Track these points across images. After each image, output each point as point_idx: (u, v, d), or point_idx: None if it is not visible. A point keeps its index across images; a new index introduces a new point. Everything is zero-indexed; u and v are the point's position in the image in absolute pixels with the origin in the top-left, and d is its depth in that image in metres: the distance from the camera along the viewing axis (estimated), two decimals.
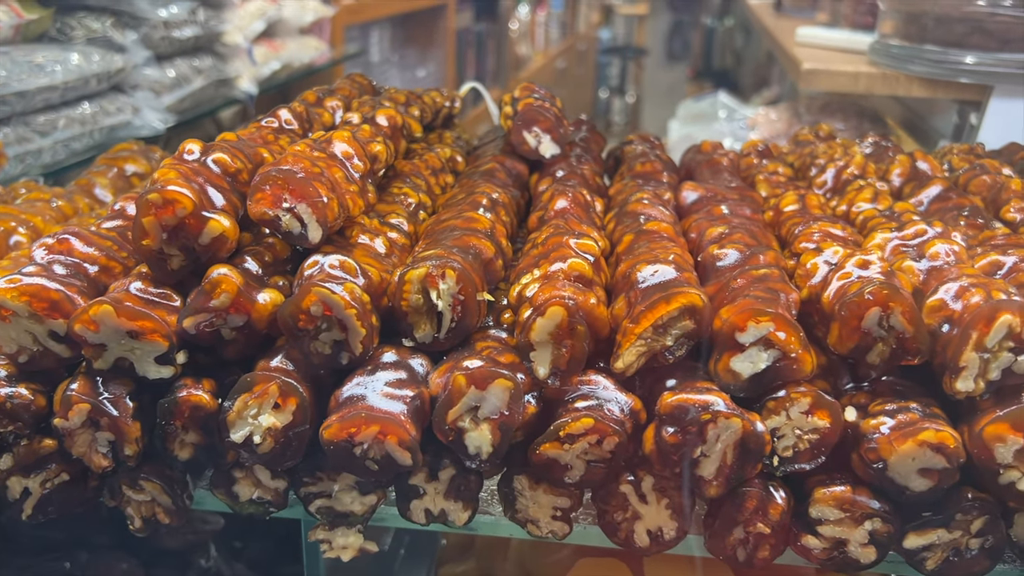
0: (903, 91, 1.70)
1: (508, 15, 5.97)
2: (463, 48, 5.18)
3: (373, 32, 4.37)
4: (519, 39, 6.26)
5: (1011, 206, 0.94)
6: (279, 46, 2.78)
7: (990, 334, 0.67)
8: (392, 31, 4.65)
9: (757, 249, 0.79)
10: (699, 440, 0.66)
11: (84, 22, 2.04)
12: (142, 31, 2.13)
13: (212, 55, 2.46)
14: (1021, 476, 0.67)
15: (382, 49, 4.53)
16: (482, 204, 0.86)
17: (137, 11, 2.12)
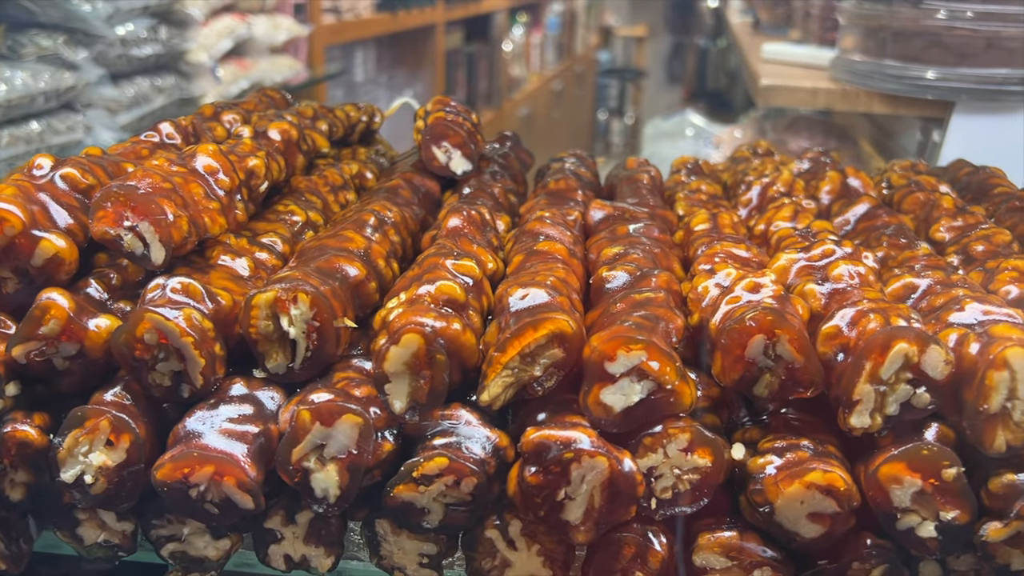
0: (863, 107, 1.65)
1: (501, 37, 5.95)
2: (452, 69, 5.16)
3: (357, 52, 4.34)
4: (513, 60, 6.24)
5: (940, 225, 0.88)
6: (249, 65, 2.74)
7: (885, 364, 0.60)
8: (379, 51, 4.62)
9: (649, 271, 0.73)
10: (563, 481, 0.60)
11: (35, 40, 2.00)
12: (96, 49, 2.09)
13: (176, 73, 2.43)
14: (921, 521, 0.61)
15: (367, 69, 4.50)
16: (367, 223, 0.81)
17: (91, 29, 2.08)
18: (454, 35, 5.25)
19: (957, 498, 0.60)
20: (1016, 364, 0.59)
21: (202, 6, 2.49)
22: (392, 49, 4.76)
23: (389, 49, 4.73)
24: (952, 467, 0.60)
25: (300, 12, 3.18)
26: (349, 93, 4.20)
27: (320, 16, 3.36)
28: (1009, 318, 0.65)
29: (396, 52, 4.79)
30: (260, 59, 2.83)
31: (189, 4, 2.42)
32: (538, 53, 6.96)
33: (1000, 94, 1.52)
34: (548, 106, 7.20)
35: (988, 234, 0.83)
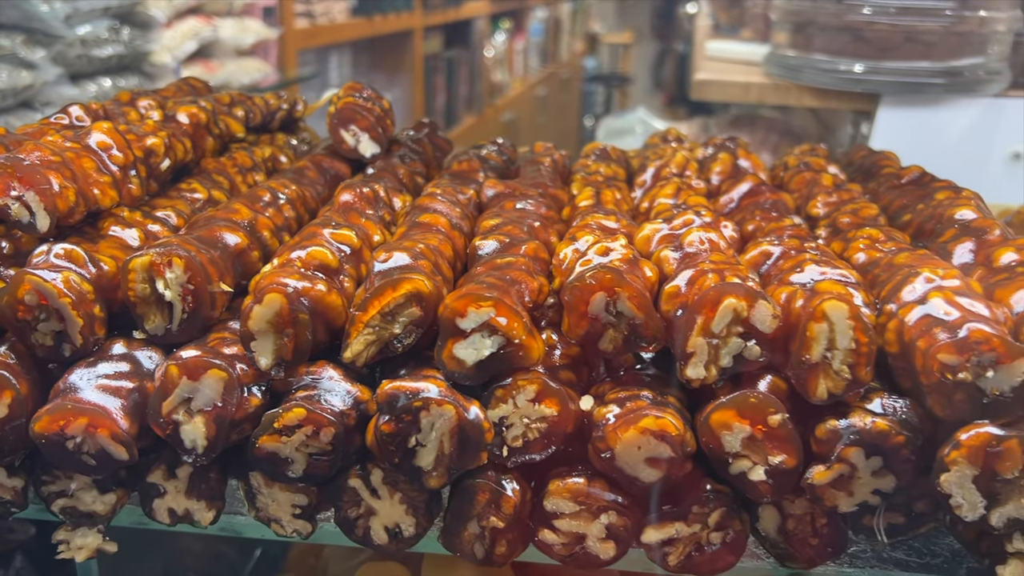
0: (794, 101, 1.69)
1: (482, 42, 5.99)
2: (431, 74, 5.19)
3: (332, 56, 4.38)
4: (495, 66, 6.28)
5: (817, 200, 0.92)
6: (215, 67, 2.78)
7: (715, 318, 0.65)
8: (355, 56, 4.65)
9: (519, 240, 0.77)
10: (413, 428, 0.64)
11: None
12: (55, 49, 2.12)
13: (139, 74, 2.46)
14: (752, 465, 0.65)
15: (342, 73, 4.53)
16: (261, 199, 0.85)
17: (49, 29, 2.11)
18: (433, 40, 5.29)
19: (784, 443, 0.64)
20: (834, 316, 0.63)
21: (166, 8, 2.53)
22: (370, 54, 4.79)
23: (367, 54, 4.77)
24: (777, 413, 0.64)
25: (270, 15, 3.22)
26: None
27: (293, 20, 3.39)
28: (841, 277, 0.70)
29: (374, 57, 4.83)
30: (227, 61, 2.86)
31: (152, 6, 2.45)
32: (521, 59, 7.01)
33: (921, 87, 1.57)
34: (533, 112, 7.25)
35: (856, 208, 0.88)
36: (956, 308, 0.63)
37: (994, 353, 0.60)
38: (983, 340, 0.60)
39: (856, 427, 0.63)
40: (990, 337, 0.60)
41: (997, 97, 1.62)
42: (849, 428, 0.64)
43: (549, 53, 8.00)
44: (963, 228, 0.80)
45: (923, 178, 0.97)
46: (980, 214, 0.82)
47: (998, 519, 0.62)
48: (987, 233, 0.79)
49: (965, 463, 0.61)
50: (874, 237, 0.79)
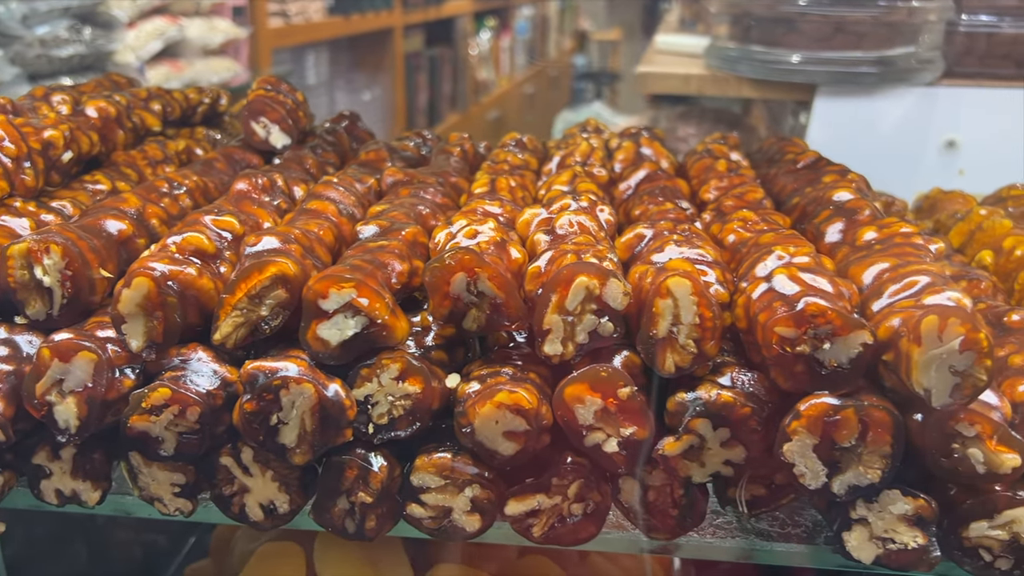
0: (733, 92, 1.72)
1: (465, 40, 6.00)
2: (413, 72, 5.21)
3: (309, 55, 4.38)
4: (480, 64, 6.30)
5: (710, 185, 0.95)
6: (183, 66, 2.80)
7: (569, 296, 0.67)
8: (334, 54, 4.66)
9: (400, 225, 0.79)
10: (275, 407, 0.66)
11: None
12: (13, 49, 2.14)
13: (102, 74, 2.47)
14: (606, 437, 0.67)
15: (320, 72, 4.54)
16: (157, 189, 0.87)
17: (6, 29, 2.13)
18: (414, 38, 5.30)
19: (635, 415, 0.67)
20: (678, 292, 0.65)
21: (129, 8, 2.54)
22: (349, 52, 4.80)
23: (346, 52, 4.78)
24: (626, 387, 0.66)
25: (240, 15, 3.24)
26: None
27: (266, 20, 3.41)
28: (699, 257, 0.72)
29: (353, 55, 4.84)
30: (195, 60, 2.87)
31: (115, 6, 2.47)
32: (508, 57, 7.03)
33: (855, 77, 1.59)
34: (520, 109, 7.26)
35: (742, 192, 0.90)
36: (798, 283, 0.66)
37: (830, 326, 0.63)
38: (819, 313, 0.63)
39: (702, 399, 0.66)
40: (826, 310, 0.63)
41: (930, 86, 1.64)
42: (696, 400, 0.66)
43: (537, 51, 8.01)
44: (837, 209, 0.83)
45: (818, 163, 0.99)
46: (856, 196, 0.85)
47: (839, 486, 0.65)
48: (857, 214, 0.81)
49: (805, 432, 0.63)
50: (748, 219, 0.81)
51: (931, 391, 0.62)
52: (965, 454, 0.63)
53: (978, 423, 0.63)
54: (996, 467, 0.63)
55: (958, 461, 0.64)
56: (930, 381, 0.62)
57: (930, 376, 0.61)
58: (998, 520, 0.65)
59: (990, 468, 0.63)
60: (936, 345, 0.61)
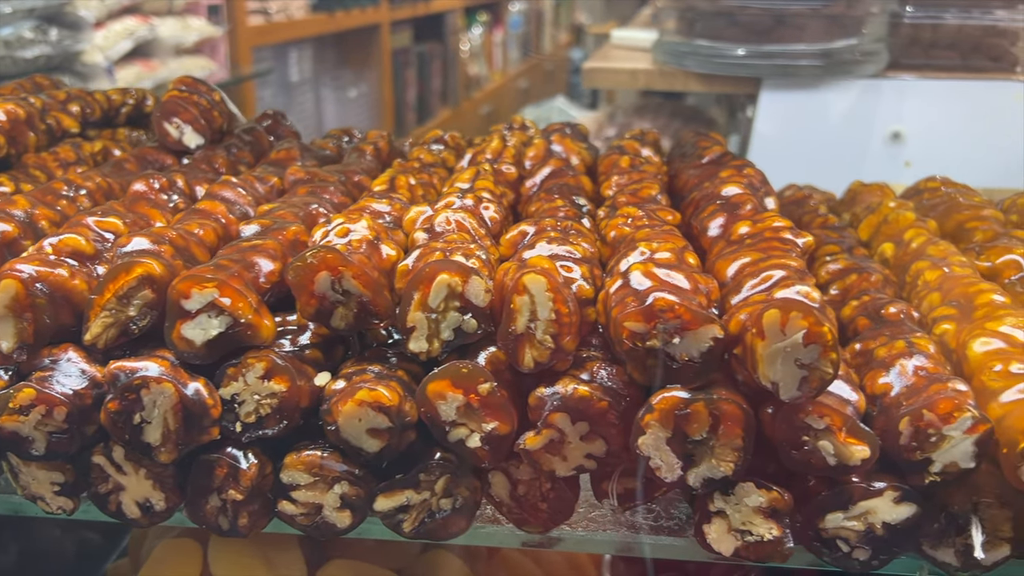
0: (680, 86, 1.72)
1: (456, 35, 5.99)
2: (401, 68, 5.20)
3: (291, 52, 4.38)
4: (472, 59, 6.29)
5: (611, 182, 0.95)
6: (156, 65, 2.80)
7: (431, 293, 0.67)
8: (320, 51, 4.66)
9: (283, 224, 0.80)
10: (137, 406, 0.67)
11: None
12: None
13: (71, 74, 2.48)
14: (469, 433, 0.68)
15: (303, 69, 4.53)
16: (57, 192, 0.88)
17: None
18: (402, 34, 5.30)
19: (496, 410, 0.67)
20: (533, 288, 0.66)
21: (97, 8, 2.55)
22: (335, 49, 4.80)
23: (332, 49, 4.78)
24: (487, 382, 0.67)
25: (215, 14, 3.24)
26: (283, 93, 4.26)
27: (245, 18, 3.41)
28: (567, 253, 0.72)
29: (339, 52, 4.83)
30: (168, 60, 2.88)
31: (81, 6, 2.47)
32: (501, 52, 7.02)
33: (798, 69, 1.59)
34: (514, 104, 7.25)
35: (637, 188, 0.91)
36: (651, 279, 0.66)
37: (679, 320, 0.63)
38: (667, 308, 0.63)
39: (560, 393, 0.66)
40: (674, 305, 0.63)
41: (875, 78, 1.64)
42: (554, 395, 0.67)
43: (532, 45, 7.99)
44: (722, 204, 0.83)
45: (723, 158, 0.99)
46: (743, 190, 0.85)
47: (695, 479, 0.65)
48: (739, 208, 0.81)
49: (658, 426, 0.64)
50: (632, 215, 0.82)
51: (778, 384, 0.62)
52: (816, 446, 0.64)
53: (827, 415, 0.63)
54: (846, 459, 0.64)
55: (809, 453, 0.64)
56: (776, 374, 0.62)
57: (776, 369, 0.62)
58: (853, 511, 0.66)
59: (841, 460, 0.64)
60: (779, 338, 0.61)
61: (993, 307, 0.75)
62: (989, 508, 0.66)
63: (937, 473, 0.65)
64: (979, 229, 0.96)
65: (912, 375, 0.68)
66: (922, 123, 1.64)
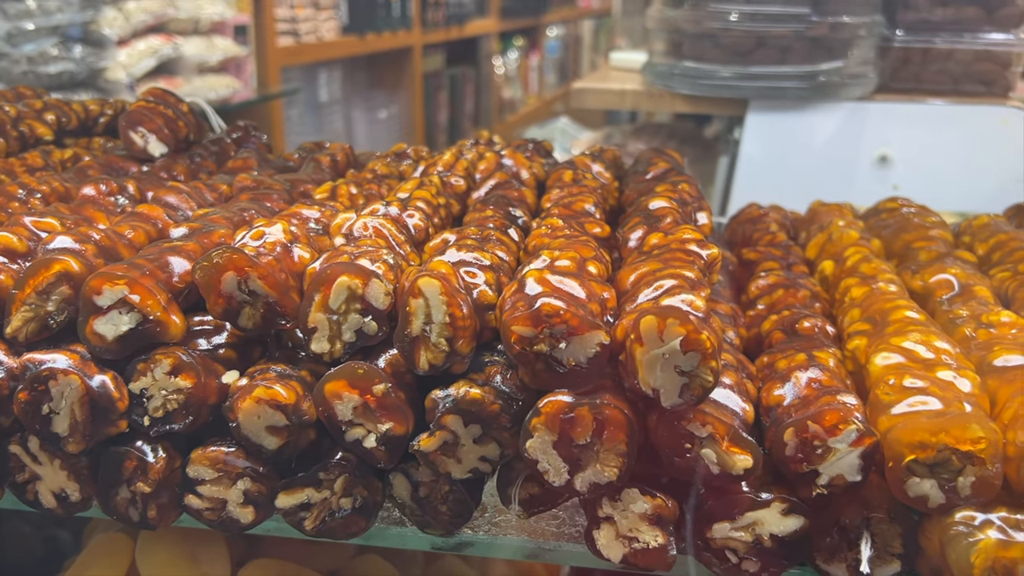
0: (668, 107, 1.73)
1: (489, 59, 6.06)
2: (432, 91, 5.27)
3: (321, 73, 4.46)
4: (506, 83, 6.35)
5: (551, 196, 0.96)
6: (179, 83, 2.88)
7: (331, 295, 0.69)
8: (351, 73, 4.73)
9: (212, 228, 0.82)
10: (46, 397, 0.69)
11: None
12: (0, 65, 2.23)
13: (94, 90, 2.56)
14: (366, 433, 0.69)
15: (332, 90, 4.61)
16: (12, 195, 0.91)
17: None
18: (434, 57, 5.37)
19: (392, 412, 0.69)
20: (428, 291, 0.67)
21: (122, 26, 2.63)
22: (366, 70, 4.88)
23: (363, 70, 4.86)
24: (382, 383, 0.68)
25: (242, 34, 3.32)
26: (312, 113, 4.34)
27: (275, 39, 3.49)
28: (475, 260, 0.74)
29: (370, 73, 4.91)
30: (192, 78, 2.96)
31: (106, 25, 2.55)
32: (536, 76, 7.08)
33: (781, 91, 1.59)
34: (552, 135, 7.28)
35: (570, 201, 0.92)
36: (543, 285, 0.67)
37: (566, 326, 0.64)
38: (554, 313, 0.64)
39: (453, 395, 0.67)
40: (560, 310, 0.64)
41: (862, 101, 1.63)
42: (447, 396, 0.68)
43: (569, 70, 8.03)
44: (645, 216, 0.84)
45: (667, 174, 1.00)
46: (670, 204, 0.86)
47: (581, 484, 0.66)
48: (660, 221, 0.82)
49: (544, 429, 0.65)
50: (553, 225, 0.83)
51: (659, 391, 0.63)
52: (699, 454, 0.64)
53: (710, 424, 0.64)
54: (729, 467, 0.64)
55: (692, 461, 0.64)
56: (656, 381, 0.63)
57: (656, 376, 0.63)
58: (740, 521, 0.66)
59: (723, 468, 0.64)
60: (657, 345, 0.62)
61: (904, 323, 0.74)
62: (880, 523, 0.66)
63: (824, 486, 0.65)
64: (924, 249, 0.96)
65: (805, 387, 0.68)
66: (911, 147, 1.62)
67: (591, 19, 8.70)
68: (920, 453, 0.62)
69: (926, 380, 0.66)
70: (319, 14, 3.84)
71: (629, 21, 10.02)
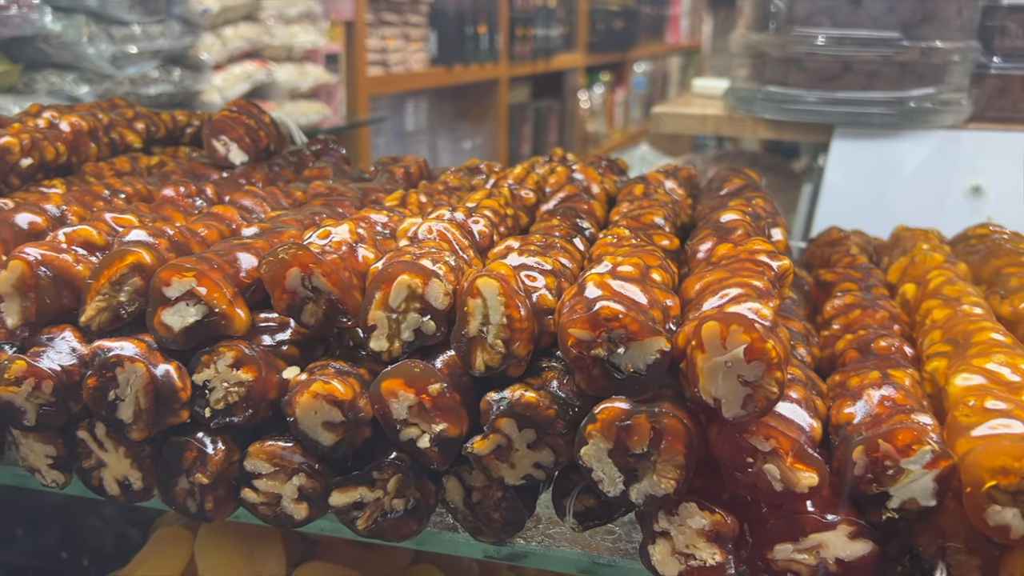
0: (749, 132, 1.70)
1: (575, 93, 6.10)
2: (517, 123, 5.33)
3: (408, 102, 4.56)
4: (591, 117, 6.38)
5: (620, 209, 0.95)
6: (271, 107, 2.98)
7: (392, 293, 0.69)
8: (437, 103, 4.82)
9: (282, 228, 0.83)
10: (113, 384, 0.71)
11: (48, 77, 2.27)
12: (103, 86, 2.34)
13: None
14: (420, 433, 0.69)
15: (418, 119, 4.70)
16: (98, 195, 0.95)
17: (98, 68, 2.33)
18: (520, 90, 5.44)
19: (446, 412, 0.68)
20: (486, 291, 0.66)
21: (219, 52, 2.73)
22: (452, 101, 4.97)
23: (449, 101, 4.95)
24: (438, 383, 0.68)
25: (334, 62, 3.42)
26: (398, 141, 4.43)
27: (365, 68, 3.58)
28: (536, 264, 0.73)
29: (456, 104, 5.00)
30: (284, 103, 3.05)
31: (203, 50, 2.66)
32: (622, 111, 7.09)
33: (868, 117, 1.55)
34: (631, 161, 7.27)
35: (640, 214, 0.90)
36: (603, 289, 0.66)
37: (625, 331, 0.63)
38: (612, 317, 0.63)
39: (508, 398, 0.66)
40: (619, 314, 0.63)
41: (954, 129, 1.57)
42: (502, 399, 0.67)
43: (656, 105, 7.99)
44: (715, 229, 0.82)
45: (742, 190, 0.98)
46: (742, 217, 0.83)
47: (637, 495, 0.64)
48: (731, 233, 0.80)
49: (600, 436, 0.63)
50: (619, 235, 0.82)
51: (721, 401, 0.61)
52: (761, 469, 0.61)
53: (774, 437, 0.61)
54: (792, 484, 0.61)
55: (754, 476, 0.62)
56: (718, 390, 0.61)
57: (717, 385, 0.60)
58: (804, 543, 0.63)
59: (787, 486, 0.61)
60: (719, 352, 0.60)
61: (988, 344, 0.70)
62: (956, 554, 0.62)
63: (895, 509, 0.61)
64: (1016, 275, 0.91)
65: (877, 404, 0.65)
66: (1006, 178, 1.55)
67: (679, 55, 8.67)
68: (1002, 479, 0.58)
69: (1010, 403, 0.62)
70: (409, 45, 3.93)
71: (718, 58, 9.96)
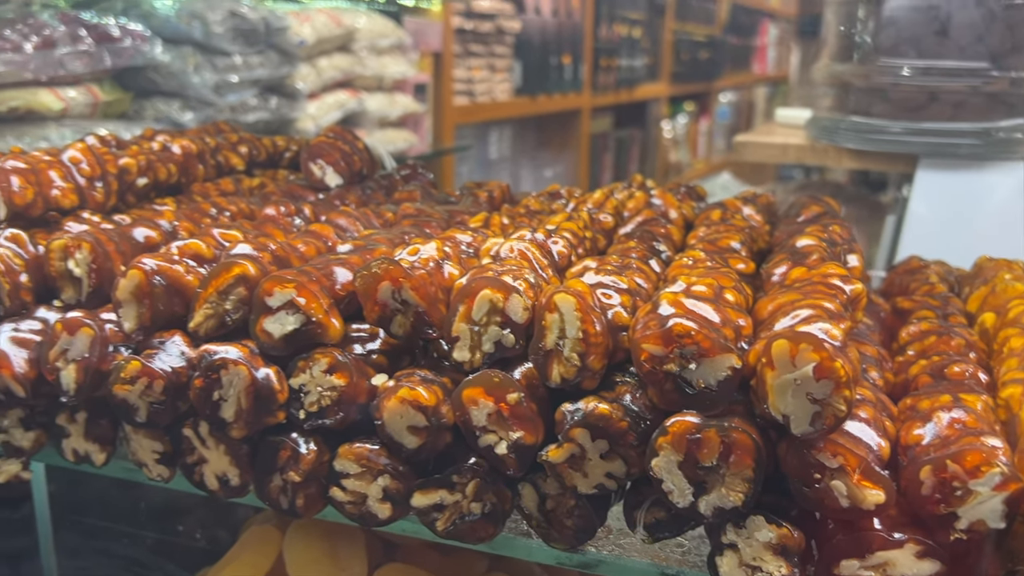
0: (832, 162, 1.70)
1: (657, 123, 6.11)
2: (598, 152, 5.37)
3: (492, 131, 4.65)
4: (674, 147, 6.39)
5: (697, 233, 0.98)
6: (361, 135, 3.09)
7: (474, 307, 0.73)
8: (518, 132, 4.90)
9: (374, 246, 0.89)
10: (217, 384, 0.77)
11: (155, 104, 2.42)
12: (205, 113, 2.47)
13: None
14: (498, 440, 0.72)
15: (502, 148, 4.78)
16: (205, 212, 1.02)
17: (202, 96, 2.47)
18: (602, 120, 5.48)
19: (524, 421, 0.72)
20: (563, 307, 0.70)
21: (314, 81, 2.86)
22: (535, 130, 5.05)
23: (532, 131, 5.03)
24: (516, 392, 0.71)
25: (422, 92, 3.53)
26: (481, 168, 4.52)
27: (452, 98, 3.69)
28: (612, 283, 0.76)
29: (539, 133, 5.07)
30: (373, 130, 3.16)
31: (299, 79, 2.79)
32: (705, 141, 7.07)
33: (955, 148, 1.54)
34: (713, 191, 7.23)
35: (716, 238, 0.93)
36: (676, 307, 0.69)
37: (697, 347, 0.65)
38: (685, 333, 0.66)
39: (582, 409, 0.70)
40: (691, 331, 0.65)
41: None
42: (577, 410, 0.70)
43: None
44: (790, 253, 0.84)
45: (820, 217, 0.99)
46: (817, 243, 0.85)
47: (705, 507, 0.66)
48: (806, 258, 0.82)
49: (670, 448, 0.66)
50: (696, 257, 0.84)
51: (789, 417, 0.63)
52: (828, 485, 0.63)
53: (841, 455, 0.63)
54: (859, 502, 0.62)
55: (821, 492, 0.63)
56: (787, 407, 0.63)
57: (787, 401, 0.63)
58: (870, 560, 0.64)
59: (853, 502, 0.63)
60: (789, 370, 0.62)
61: None
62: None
63: (963, 531, 0.62)
64: None
65: (946, 426, 0.66)
66: None
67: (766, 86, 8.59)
68: None
69: None
70: (494, 76, 4.01)
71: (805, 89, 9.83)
